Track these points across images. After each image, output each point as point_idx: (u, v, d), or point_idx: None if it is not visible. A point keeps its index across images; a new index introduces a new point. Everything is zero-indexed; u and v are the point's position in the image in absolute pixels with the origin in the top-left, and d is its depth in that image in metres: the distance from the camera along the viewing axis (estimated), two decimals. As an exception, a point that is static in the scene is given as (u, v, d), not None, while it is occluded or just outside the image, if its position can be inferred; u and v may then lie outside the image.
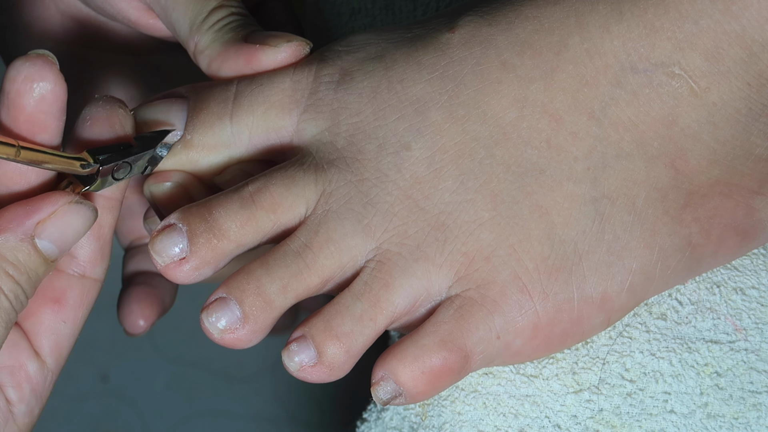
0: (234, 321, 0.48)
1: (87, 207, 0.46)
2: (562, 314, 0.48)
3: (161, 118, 0.50)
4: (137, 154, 0.48)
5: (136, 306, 0.61)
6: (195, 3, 0.51)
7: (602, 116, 0.47)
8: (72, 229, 0.46)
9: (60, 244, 0.46)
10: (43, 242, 0.46)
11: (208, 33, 0.51)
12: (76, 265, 0.49)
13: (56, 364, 0.49)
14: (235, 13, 0.51)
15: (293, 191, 0.49)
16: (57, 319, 0.49)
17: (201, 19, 0.51)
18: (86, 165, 0.46)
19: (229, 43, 0.50)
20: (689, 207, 0.48)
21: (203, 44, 0.51)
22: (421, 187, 0.48)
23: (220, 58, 0.50)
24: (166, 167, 0.50)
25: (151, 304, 0.61)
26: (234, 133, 0.50)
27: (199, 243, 0.48)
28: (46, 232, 0.46)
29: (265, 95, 0.50)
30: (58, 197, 0.46)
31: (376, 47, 0.50)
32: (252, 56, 0.50)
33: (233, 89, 0.50)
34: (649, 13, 0.46)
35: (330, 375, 0.48)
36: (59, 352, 0.49)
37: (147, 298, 0.61)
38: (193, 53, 0.51)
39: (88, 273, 0.49)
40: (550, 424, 0.50)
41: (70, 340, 0.49)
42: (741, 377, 0.50)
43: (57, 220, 0.46)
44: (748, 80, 0.46)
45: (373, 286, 0.48)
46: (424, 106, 0.48)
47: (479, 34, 0.48)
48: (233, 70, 0.50)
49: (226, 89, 0.50)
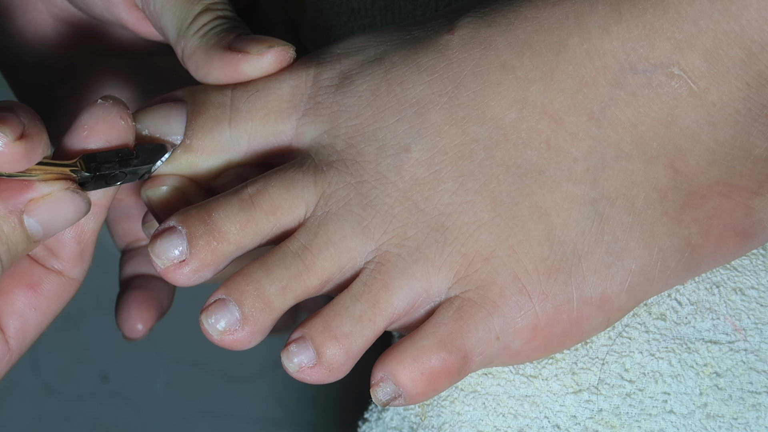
0: (233, 322, 0.48)
1: (81, 198, 0.46)
2: (562, 315, 0.48)
3: (161, 123, 0.50)
4: (134, 167, 0.48)
5: (134, 310, 0.60)
6: (181, 8, 0.51)
7: (602, 117, 0.47)
8: (62, 215, 0.46)
9: (46, 226, 0.46)
10: (31, 221, 0.46)
11: (194, 38, 0.51)
12: (57, 262, 0.49)
13: (18, 348, 0.49)
14: (221, 17, 0.51)
15: (292, 193, 0.49)
16: (28, 305, 0.49)
17: (187, 24, 0.51)
18: (78, 171, 0.46)
19: (213, 49, 0.50)
20: (688, 207, 0.48)
21: (189, 50, 0.51)
22: (421, 189, 0.48)
23: (205, 66, 0.50)
24: (165, 171, 0.50)
25: (149, 308, 0.61)
26: (233, 138, 0.50)
27: (199, 245, 0.48)
28: (36, 211, 0.46)
29: (263, 101, 0.50)
30: (56, 181, 0.46)
31: (375, 50, 0.50)
32: (236, 66, 0.50)
33: (230, 93, 0.50)
34: (648, 13, 0.46)
35: (329, 376, 0.48)
36: (23, 337, 0.49)
37: (145, 301, 0.61)
38: (181, 58, 0.51)
39: (67, 272, 0.49)
40: (549, 425, 0.50)
41: (36, 329, 0.49)
42: (740, 377, 0.50)
43: (50, 203, 0.46)
44: (748, 80, 0.46)
45: (372, 287, 0.48)
46: (423, 108, 0.48)
47: (479, 36, 0.48)
48: (220, 78, 0.50)
49: (223, 93, 0.50)
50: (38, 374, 1.15)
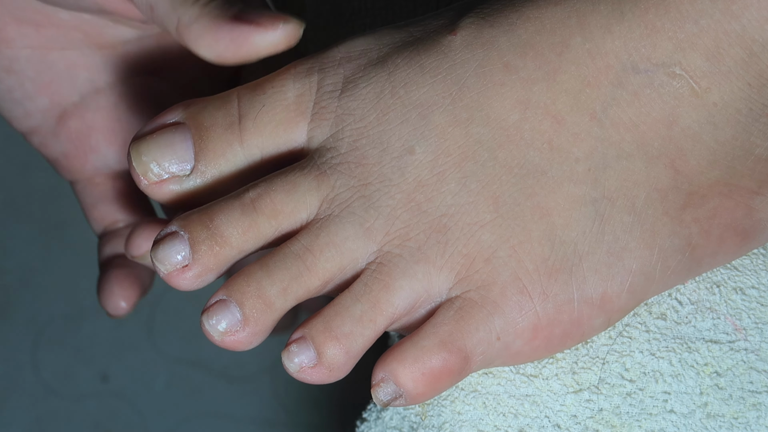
0: (234, 323, 0.48)
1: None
2: (562, 315, 0.48)
3: (167, 152, 0.49)
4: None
5: (116, 288, 0.60)
6: None
7: (604, 117, 0.47)
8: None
9: None
10: None
11: (194, 8, 0.48)
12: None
13: None
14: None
15: (294, 197, 0.49)
16: None
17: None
18: None
19: (219, 19, 0.48)
20: (689, 207, 0.48)
21: (189, 19, 0.48)
22: (424, 190, 0.48)
23: (209, 37, 0.48)
24: (186, 197, 0.50)
25: (131, 285, 0.60)
26: (246, 156, 0.50)
27: (201, 250, 0.48)
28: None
29: (270, 115, 0.50)
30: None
31: (377, 52, 0.50)
32: (246, 38, 0.47)
33: (235, 111, 0.50)
34: (650, 13, 0.46)
35: (330, 376, 0.48)
36: None
37: (126, 279, 0.60)
38: (175, 29, 0.49)
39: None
40: (549, 424, 0.50)
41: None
42: (741, 377, 0.50)
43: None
44: (749, 80, 0.46)
45: (373, 287, 0.48)
46: (427, 110, 0.48)
47: (481, 36, 0.48)
48: (226, 52, 0.48)
49: (228, 112, 0.50)
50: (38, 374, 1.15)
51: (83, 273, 1.15)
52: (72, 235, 1.18)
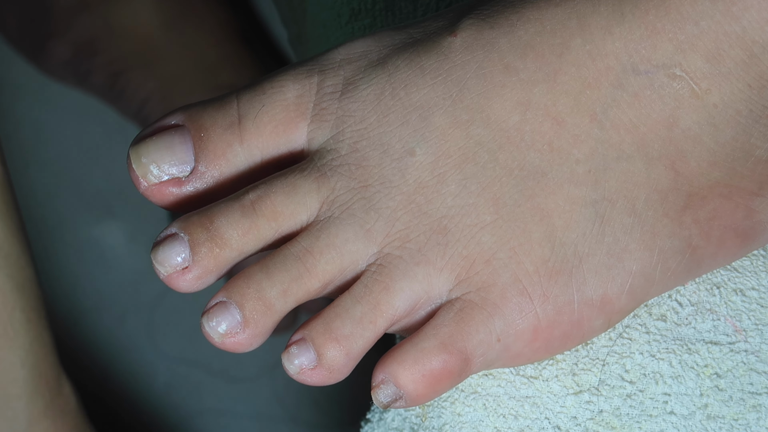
0: (234, 325, 0.48)
1: None
2: (563, 316, 0.48)
3: (166, 154, 0.49)
4: None
5: None
6: None
7: (604, 118, 0.47)
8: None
9: None
10: None
11: None
12: None
13: None
14: None
15: (294, 199, 0.49)
16: None
17: None
18: None
19: None
20: (689, 209, 0.48)
21: None
22: (425, 192, 0.48)
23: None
24: (185, 199, 0.50)
25: None
26: (247, 157, 0.50)
27: (201, 252, 0.48)
28: None
29: (270, 114, 0.50)
30: None
31: (377, 54, 0.50)
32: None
33: (235, 111, 0.50)
34: (650, 14, 0.46)
35: (330, 378, 0.48)
36: None
37: None
38: None
39: None
40: (550, 426, 0.50)
41: None
42: (741, 378, 0.50)
43: None
44: (749, 82, 0.46)
45: (374, 289, 0.48)
46: (428, 112, 0.48)
47: (481, 38, 0.48)
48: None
49: (228, 112, 0.50)
50: (38, 374, 1.15)
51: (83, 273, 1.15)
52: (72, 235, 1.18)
